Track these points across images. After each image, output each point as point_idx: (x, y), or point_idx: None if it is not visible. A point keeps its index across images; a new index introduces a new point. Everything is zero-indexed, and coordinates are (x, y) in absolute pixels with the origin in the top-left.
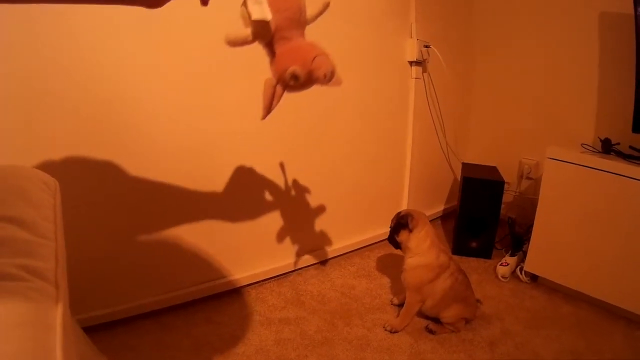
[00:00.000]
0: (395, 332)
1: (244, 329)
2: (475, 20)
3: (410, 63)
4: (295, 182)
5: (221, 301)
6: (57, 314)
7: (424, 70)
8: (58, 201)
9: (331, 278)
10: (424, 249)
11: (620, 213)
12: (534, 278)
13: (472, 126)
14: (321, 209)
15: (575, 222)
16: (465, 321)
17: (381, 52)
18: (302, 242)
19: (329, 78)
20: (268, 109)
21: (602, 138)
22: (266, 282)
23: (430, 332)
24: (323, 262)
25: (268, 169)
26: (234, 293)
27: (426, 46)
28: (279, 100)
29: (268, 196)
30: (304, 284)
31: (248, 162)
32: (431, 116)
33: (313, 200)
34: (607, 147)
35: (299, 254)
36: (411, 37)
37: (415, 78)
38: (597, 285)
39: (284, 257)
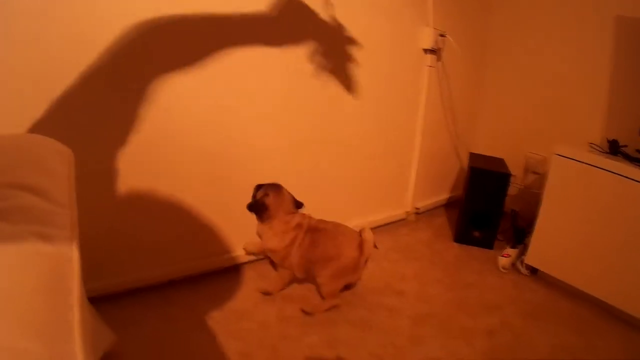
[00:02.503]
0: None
1: (248, 305)
2: (491, 13)
3: (425, 51)
4: (306, 163)
5: (225, 276)
6: (74, 283)
7: (438, 59)
8: (72, 171)
9: None
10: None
11: (623, 215)
12: (533, 271)
13: (482, 117)
14: (329, 191)
15: (578, 219)
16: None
17: (397, 38)
18: None
19: None
20: None
21: (610, 139)
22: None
23: (305, 313)
24: None
25: (279, 151)
26: (238, 269)
27: (442, 35)
28: None
29: (278, 176)
30: None
31: (259, 143)
32: (442, 104)
33: (322, 182)
34: (614, 149)
35: None
36: (428, 25)
37: (430, 66)
38: (596, 284)
39: None
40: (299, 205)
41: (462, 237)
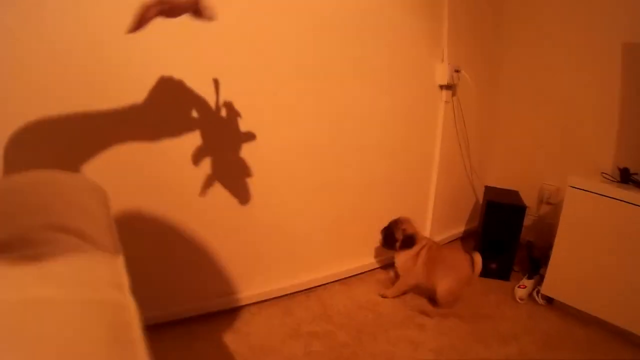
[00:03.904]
0: (385, 297)
1: (274, 341)
2: (502, 46)
3: (441, 87)
4: (325, 204)
5: (248, 312)
6: (136, 332)
7: (453, 94)
8: (110, 210)
9: (356, 293)
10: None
11: (637, 242)
12: (549, 301)
13: (496, 150)
14: (348, 231)
15: (592, 249)
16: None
17: (414, 75)
18: (327, 258)
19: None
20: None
21: (621, 167)
22: (293, 295)
23: (425, 314)
24: (348, 278)
25: (299, 194)
26: (263, 304)
27: (456, 71)
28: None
29: (295, 213)
30: (330, 299)
31: (281, 188)
32: (458, 139)
33: (342, 222)
34: (625, 177)
35: (324, 270)
36: (442, 62)
37: (445, 102)
38: (612, 311)
39: (310, 271)
40: None
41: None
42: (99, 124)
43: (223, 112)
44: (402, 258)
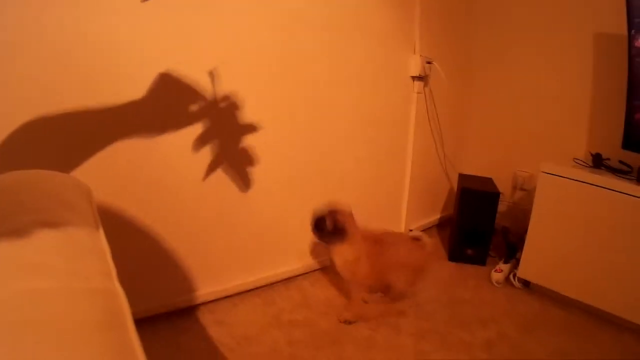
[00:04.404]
0: (350, 322)
1: (256, 330)
2: (474, 37)
3: (413, 78)
4: (298, 193)
5: (231, 304)
6: (127, 318)
7: (426, 85)
8: (95, 206)
9: (336, 282)
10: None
11: (609, 225)
12: (526, 284)
13: (469, 139)
14: None
15: (566, 232)
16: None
17: (386, 67)
18: (307, 247)
19: None
20: None
21: (594, 153)
22: (274, 285)
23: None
24: (328, 267)
25: (272, 184)
26: (245, 295)
27: (428, 62)
28: None
29: (272, 204)
30: (311, 288)
31: (260, 177)
32: (431, 129)
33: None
34: (597, 162)
35: (305, 259)
36: (414, 53)
37: (417, 93)
38: (587, 292)
39: (290, 261)
40: None
41: (456, 255)
42: (99, 120)
43: (222, 104)
44: (340, 259)
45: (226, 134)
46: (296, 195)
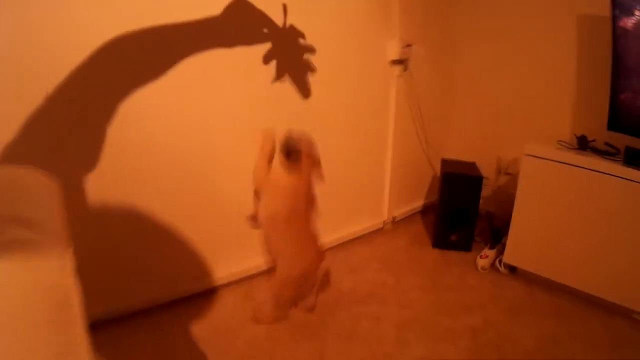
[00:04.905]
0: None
1: (235, 324)
2: (456, 20)
3: (392, 62)
4: None
5: (212, 298)
6: (77, 313)
7: (406, 69)
8: (61, 201)
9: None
10: None
11: (595, 206)
12: (512, 269)
13: (452, 123)
14: None
15: (551, 215)
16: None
17: (363, 51)
18: None
19: None
20: None
21: (579, 135)
22: (254, 277)
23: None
24: None
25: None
26: (224, 289)
27: (408, 45)
28: None
29: (246, 192)
30: None
31: (226, 157)
32: (412, 113)
33: None
34: (583, 144)
35: None
36: (393, 37)
37: (397, 77)
38: (574, 276)
39: None
40: None
41: (440, 242)
42: (184, 32)
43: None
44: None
45: (290, 52)
46: None
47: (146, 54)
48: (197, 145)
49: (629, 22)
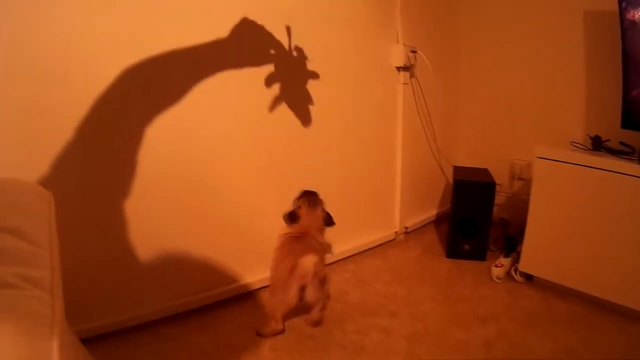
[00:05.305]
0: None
1: (239, 337)
2: (460, 23)
3: (398, 69)
4: (284, 191)
5: (216, 310)
6: (55, 322)
7: (412, 76)
8: (52, 212)
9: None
10: None
11: (612, 209)
12: (528, 278)
13: (462, 129)
14: None
15: (567, 220)
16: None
17: (368, 58)
18: None
19: None
20: None
21: (592, 135)
22: (260, 290)
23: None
24: None
25: (257, 180)
26: (229, 302)
27: (413, 51)
28: None
29: (257, 205)
30: None
31: (235, 168)
32: (420, 121)
33: None
34: (597, 144)
35: None
36: (397, 43)
37: (403, 83)
38: (591, 282)
39: None
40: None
41: (453, 251)
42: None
43: (294, 54)
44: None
45: (292, 77)
46: (279, 197)
47: (157, 81)
48: (205, 157)
49: (636, 15)
